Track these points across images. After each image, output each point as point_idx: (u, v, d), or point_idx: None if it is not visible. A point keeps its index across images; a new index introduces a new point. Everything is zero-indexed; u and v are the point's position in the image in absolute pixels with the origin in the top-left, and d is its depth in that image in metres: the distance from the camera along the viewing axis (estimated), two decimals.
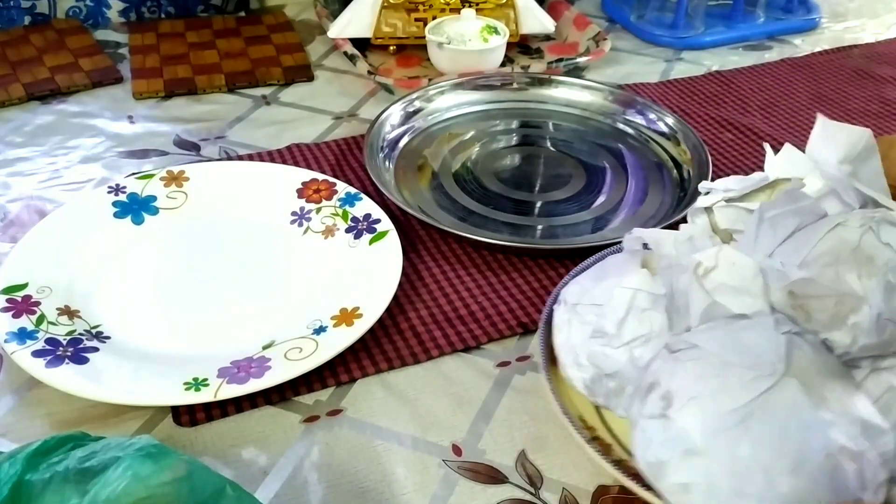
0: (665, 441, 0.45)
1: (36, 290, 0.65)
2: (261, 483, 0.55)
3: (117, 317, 0.66)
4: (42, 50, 1.01)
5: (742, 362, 0.45)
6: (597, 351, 0.53)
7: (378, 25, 1.03)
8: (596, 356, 0.53)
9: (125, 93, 0.97)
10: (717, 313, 0.49)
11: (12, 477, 0.41)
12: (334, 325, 0.64)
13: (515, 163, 0.88)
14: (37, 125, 0.90)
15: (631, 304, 0.52)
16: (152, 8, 1.12)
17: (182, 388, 0.58)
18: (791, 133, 0.94)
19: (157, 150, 0.87)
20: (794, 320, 0.48)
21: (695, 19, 1.14)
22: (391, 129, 0.88)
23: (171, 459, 0.41)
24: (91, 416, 0.58)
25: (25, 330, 0.61)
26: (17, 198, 0.79)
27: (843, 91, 1.03)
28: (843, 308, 0.46)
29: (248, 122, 0.93)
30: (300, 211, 0.76)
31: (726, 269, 0.50)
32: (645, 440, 0.46)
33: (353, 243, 0.72)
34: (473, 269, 0.72)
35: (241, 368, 0.60)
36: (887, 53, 1.12)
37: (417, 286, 0.70)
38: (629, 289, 0.53)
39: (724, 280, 0.50)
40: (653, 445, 0.46)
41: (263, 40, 1.07)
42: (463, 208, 0.80)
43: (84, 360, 0.60)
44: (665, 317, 0.52)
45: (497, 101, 0.95)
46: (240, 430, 0.58)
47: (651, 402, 0.47)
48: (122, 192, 0.76)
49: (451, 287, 0.70)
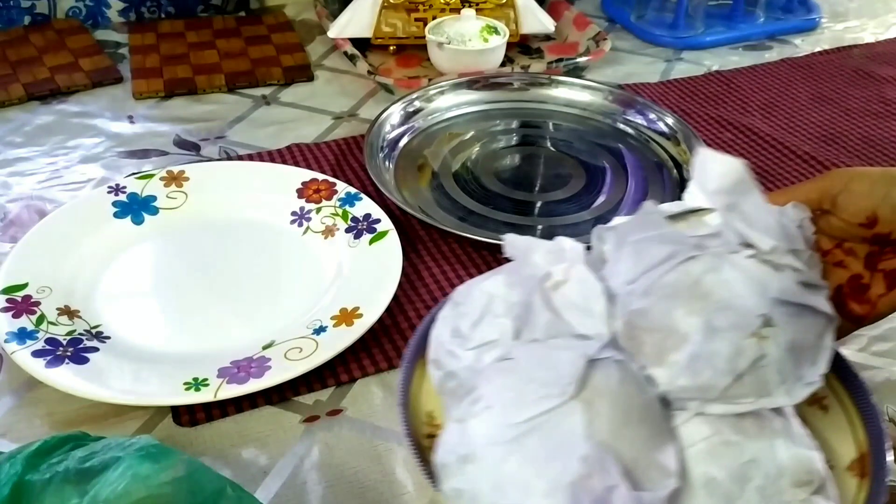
0: (454, 445, 0.45)
1: (36, 290, 0.65)
2: (261, 483, 0.55)
3: (117, 317, 0.66)
4: (42, 50, 1.01)
5: (541, 379, 0.44)
6: (449, 350, 0.52)
7: (378, 25, 1.03)
8: (445, 355, 0.52)
9: (125, 93, 0.97)
10: (560, 330, 0.48)
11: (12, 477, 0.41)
12: (334, 325, 0.64)
13: (515, 163, 0.88)
14: (37, 125, 0.90)
15: (486, 308, 0.51)
16: (152, 8, 1.12)
17: (182, 387, 0.58)
18: (791, 133, 0.94)
19: (157, 150, 0.87)
20: (628, 350, 0.46)
21: (695, 19, 1.14)
22: (391, 129, 0.88)
23: (171, 459, 0.41)
24: (91, 416, 0.58)
25: (25, 330, 0.61)
26: (17, 198, 0.79)
27: (843, 91, 1.03)
28: (666, 344, 0.45)
29: (248, 122, 0.93)
30: (300, 211, 0.76)
31: (576, 286, 0.48)
32: (442, 442, 0.46)
33: (353, 243, 0.72)
34: (473, 269, 0.72)
35: (240, 368, 0.60)
36: (887, 53, 1.13)
37: (417, 286, 0.70)
38: (486, 293, 0.51)
39: (572, 297, 0.48)
40: (444, 448, 0.46)
41: (263, 40, 1.07)
42: (463, 208, 0.80)
43: (84, 360, 0.60)
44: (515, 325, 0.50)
45: (497, 101, 0.95)
46: (240, 430, 0.58)
47: (462, 406, 0.47)
48: (122, 192, 0.76)
49: (451, 287, 0.70)
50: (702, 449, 0.44)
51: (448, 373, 0.51)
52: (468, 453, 0.44)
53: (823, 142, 0.93)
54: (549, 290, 0.49)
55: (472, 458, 0.44)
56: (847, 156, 0.90)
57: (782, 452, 0.44)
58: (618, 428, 0.43)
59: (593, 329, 0.47)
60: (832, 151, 0.91)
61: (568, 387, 0.43)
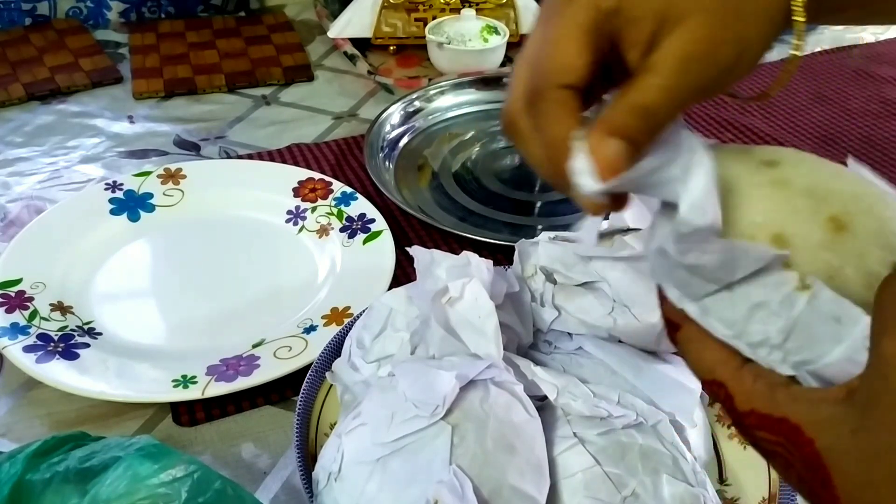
0: (328, 461, 0.45)
1: (30, 285, 0.66)
2: (261, 483, 0.55)
3: (110, 313, 0.66)
4: (42, 50, 1.01)
5: (417, 399, 0.43)
6: (352, 362, 0.51)
7: (378, 25, 1.03)
8: (345, 366, 0.51)
9: (125, 93, 0.97)
10: (455, 348, 0.47)
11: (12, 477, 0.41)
12: (324, 325, 0.64)
13: (515, 163, 0.88)
14: (37, 125, 0.90)
15: (387, 321, 0.51)
16: (152, 8, 1.12)
17: (171, 384, 0.58)
18: (791, 133, 0.94)
19: (157, 150, 0.87)
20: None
21: None
22: (391, 129, 0.88)
23: (171, 459, 0.41)
24: (91, 416, 0.58)
25: (18, 325, 0.62)
26: (17, 198, 0.79)
27: (843, 91, 1.03)
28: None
29: (248, 122, 0.93)
30: (295, 210, 0.76)
31: (469, 303, 0.48)
32: (320, 456, 0.46)
33: (347, 243, 0.72)
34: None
35: (230, 366, 0.60)
36: (887, 53, 1.12)
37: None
38: (386, 306, 0.51)
39: (466, 315, 0.47)
40: (319, 462, 0.46)
41: (263, 40, 1.06)
42: (463, 208, 0.80)
43: (74, 355, 0.60)
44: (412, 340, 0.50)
45: (497, 101, 0.95)
46: (240, 430, 0.58)
47: (346, 421, 0.46)
48: (118, 189, 0.76)
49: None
50: (579, 480, 0.43)
51: (345, 385, 0.50)
52: (337, 470, 0.44)
53: (823, 142, 0.93)
54: (445, 307, 0.48)
55: (340, 476, 0.43)
56: (847, 155, 0.90)
57: (666, 489, 0.42)
58: (484, 453, 0.42)
59: (483, 349, 0.46)
60: (832, 151, 0.91)
61: (440, 409, 0.42)
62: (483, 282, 0.48)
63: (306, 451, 0.50)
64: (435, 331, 0.47)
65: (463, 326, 0.47)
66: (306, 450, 0.50)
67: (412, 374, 0.45)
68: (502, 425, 0.43)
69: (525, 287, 0.52)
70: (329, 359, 0.54)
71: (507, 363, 0.46)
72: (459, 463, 0.41)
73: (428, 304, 0.48)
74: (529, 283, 0.52)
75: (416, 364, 0.47)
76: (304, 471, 0.47)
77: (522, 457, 0.42)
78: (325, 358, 0.54)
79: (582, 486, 0.43)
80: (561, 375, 0.47)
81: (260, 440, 0.58)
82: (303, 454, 0.49)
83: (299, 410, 0.51)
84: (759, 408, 0.30)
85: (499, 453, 0.42)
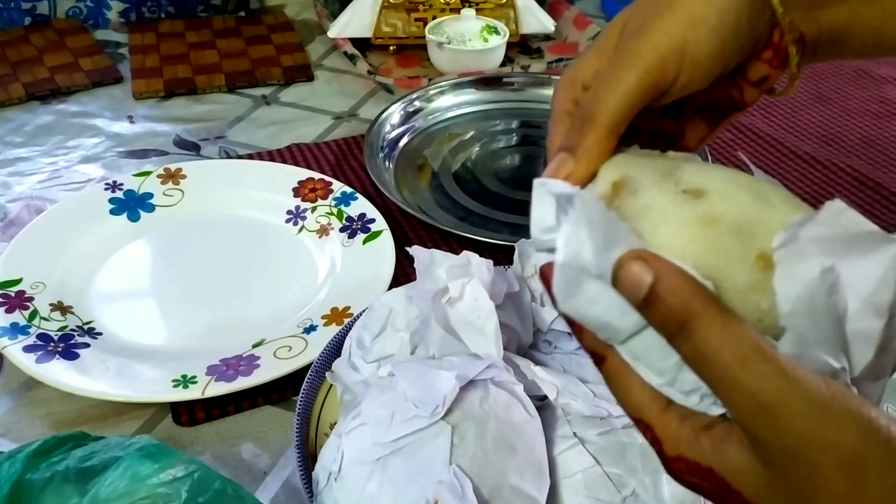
0: (328, 461, 0.45)
1: (30, 285, 0.66)
2: (261, 483, 0.55)
3: (110, 313, 0.66)
4: (42, 50, 1.01)
5: (416, 399, 0.43)
6: (352, 362, 0.51)
7: (378, 25, 1.03)
8: (346, 366, 0.51)
9: (125, 93, 0.97)
10: (455, 348, 0.47)
11: (12, 476, 0.41)
12: (324, 325, 0.64)
13: (515, 163, 0.88)
14: (37, 125, 0.90)
15: (387, 321, 0.50)
16: (152, 8, 1.12)
17: (170, 384, 0.58)
18: (791, 133, 0.94)
19: (157, 150, 0.87)
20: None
21: None
22: (391, 128, 0.88)
23: (171, 459, 0.41)
24: (91, 416, 0.58)
25: (18, 325, 0.62)
26: (17, 198, 0.79)
27: (843, 91, 1.03)
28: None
29: (247, 122, 0.93)
30: (295, 210, 0.76)
31: (469, 303, 0.47)
32: (320, 455, 0.46)
33: (347, 243, 0.72)
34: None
35: (229, 366, 0.60)
36: None
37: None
38: (386, 306, 0.51)
39: (466, 315, 0.47)
40: (320, 462, 0.46)
41: (263, 40, 1.06)
42: (463, 208, 0.80)
43: (74, 355, 0.60)
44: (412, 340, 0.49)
45: (497, 101, 0.95)
46: (240, 430, 0.58)
47: (346, 421, 0.46)
48: (118, 189, 0.76)
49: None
50: (579, 480, 0.43)
51: (345, 385, 0.50)
52: (337, 470, 0.44)
53: (823, 142, 0.92)
54: (445, 307, 0.48)
55: (340, 476, 0.43)
56: (846, 155, 0.90)
57: (666, 489, 0.42)
58: (484, 453, 0.42)
59: (483, 349, 0.46)
60: (832, 151, 0.91)
61: (439, 409, 0.42)
62: (483, 282, 0.48)
63: (306, 451, 0.50)
64: (435, 331, 0.47)
65: (463, 326, 0.47)
66: (306, 450, 0.50)
67: (412, 374, 0.45)
68: (502, 425, 0.43)
69: (525, 287, 0.52)
70: (329, 359, 0.54)
71: (507, 363, 0.46)
72: (459, 463, 0.41)
73: (428, 304, 0.48)
74: (529, 283, 0.52)
75: (416, 364, 0.47)
76: (304, 471, 0.47)
77: (522, 457, 0.42)
78: (325, 358, 0.54)
79: (582, 485, 0.43)
80: (561, 375, 0.47)
81: (260, 440, 0.58)
82: (303, 454, 0.49)
83: (299, 410, 0.51)
84: (687, 454, 0.30)
85: (499, 453, 0.42)
